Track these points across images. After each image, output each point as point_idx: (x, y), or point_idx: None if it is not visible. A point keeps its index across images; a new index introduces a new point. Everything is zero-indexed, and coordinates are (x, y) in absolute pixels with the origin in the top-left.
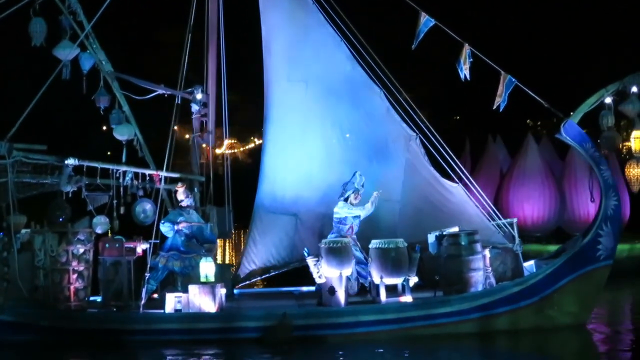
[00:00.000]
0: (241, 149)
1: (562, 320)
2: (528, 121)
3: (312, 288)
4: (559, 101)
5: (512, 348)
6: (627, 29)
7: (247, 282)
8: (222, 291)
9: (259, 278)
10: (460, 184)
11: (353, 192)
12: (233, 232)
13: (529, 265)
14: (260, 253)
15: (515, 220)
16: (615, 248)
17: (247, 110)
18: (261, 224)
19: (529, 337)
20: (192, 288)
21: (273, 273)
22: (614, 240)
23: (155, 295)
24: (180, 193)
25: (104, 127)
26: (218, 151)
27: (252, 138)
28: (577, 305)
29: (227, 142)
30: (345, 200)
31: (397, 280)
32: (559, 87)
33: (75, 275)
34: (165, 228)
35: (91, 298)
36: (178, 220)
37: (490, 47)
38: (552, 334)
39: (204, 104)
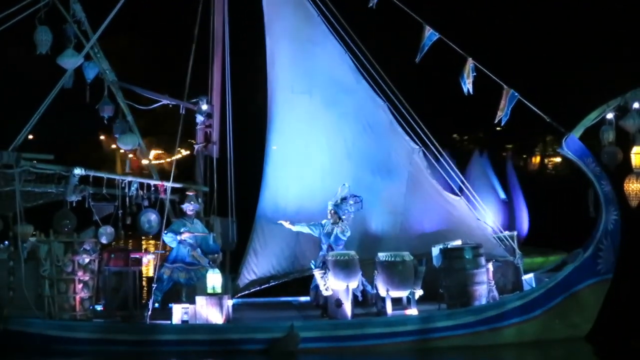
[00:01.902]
0: (168, 159)
1: (563, 333)
2: (455, 135)
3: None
4: (560, 116)
5: None
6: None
7: (246, 292)
8: (229, 302)
9: (258, 288)
10: (462, 197)
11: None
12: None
13: (528, 278)
14: (261, 263)
15: (515, 233)
16: (615, 262)
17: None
18: (262, 234)
19: (531, 350)
20: (200, 299)
21: (273, 283)
22: (614, 254)
23: (156, 305)
24: (190, 198)
25: (30, 136)
26: (144, 162)
27: (178, 149)
28: (579, 318)
29: (153, 152)
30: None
31: (403, 293)
32: (561, 101)
33: (80, 285)
34: (168, 238)
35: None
36: (181, 231)
37: (492, 60)
38: (553, 346)
39: (209, 115)
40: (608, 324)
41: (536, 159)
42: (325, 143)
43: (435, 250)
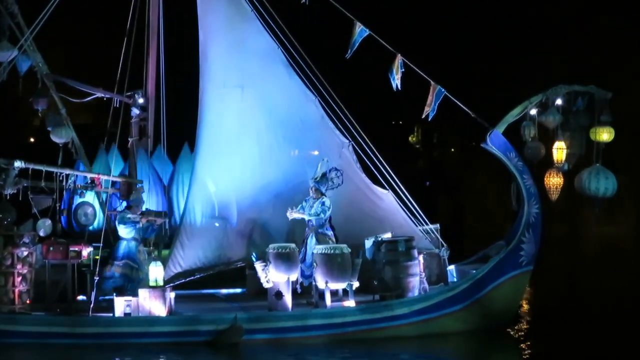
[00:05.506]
0: None
1: (487, 323)
2: None
3: (234, 290)
4: (483, 111)
5: (440, 351)
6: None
7: (171, 285)
8: (171, 295)
9: (182, 281)
10: (390, 190)
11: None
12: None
13: (449, 269)
14: (187, 256)
15: (438, 226)
16: (536, 254)
17: None
18: (190, 227)
19: (455, 339)
20: (142, 292)
21: (198, 276)
22: (535, 246)
23: (83, 297)
24: (137, 192)
25: None
26: None
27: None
28: (502, 309)
29: None
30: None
31: (342, 285)
32: (484, 97)
33: (19, 278)
34: (128, 228)
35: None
36: (136, 217)
37: (420, 57)
38: (477, 335)
39: (143, 108)
40: (528, 314)
41: None
42: (255, 137)
43: (368, 243)
